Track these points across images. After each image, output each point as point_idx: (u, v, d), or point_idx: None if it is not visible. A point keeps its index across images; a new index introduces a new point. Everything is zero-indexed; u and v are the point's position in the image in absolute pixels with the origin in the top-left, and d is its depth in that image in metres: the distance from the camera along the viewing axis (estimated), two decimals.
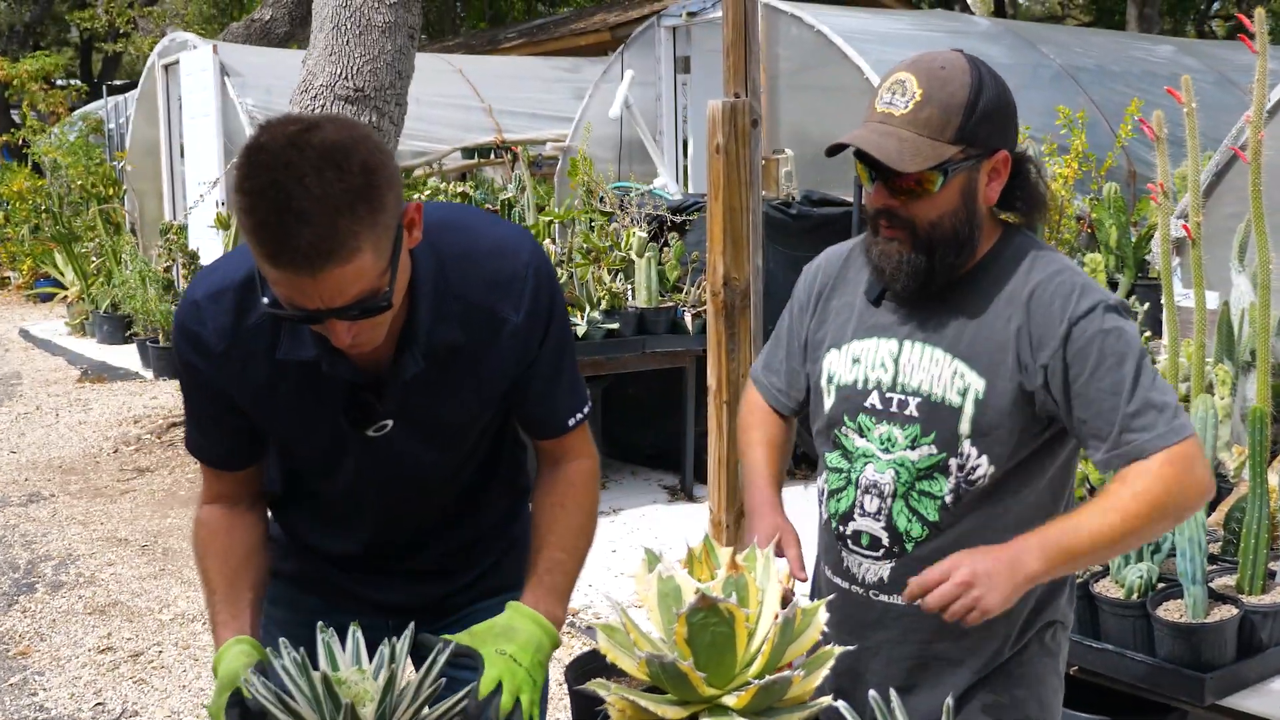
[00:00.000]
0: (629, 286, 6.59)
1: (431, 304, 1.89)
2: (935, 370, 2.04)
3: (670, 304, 6.58)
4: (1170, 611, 2.97)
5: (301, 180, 1.60)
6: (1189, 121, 3.33)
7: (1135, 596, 3.02)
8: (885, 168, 1.95)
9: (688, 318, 6.48)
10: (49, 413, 9.25)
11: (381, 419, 1.95)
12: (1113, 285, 6.43)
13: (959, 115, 1.94)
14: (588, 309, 6.25)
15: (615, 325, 6.28)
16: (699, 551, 1.83)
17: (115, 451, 8.01)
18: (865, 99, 2.06)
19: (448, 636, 1.90)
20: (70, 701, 4.49)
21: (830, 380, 2.16)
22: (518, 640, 1.92)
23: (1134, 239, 6.62)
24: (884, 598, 2.11)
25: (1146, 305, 5.37)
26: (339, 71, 6.86)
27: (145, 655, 4.87)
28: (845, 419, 2.13)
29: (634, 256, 6.55)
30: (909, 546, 2.07)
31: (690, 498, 6.66)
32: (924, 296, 2.06)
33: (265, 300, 1.75)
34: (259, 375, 1.93)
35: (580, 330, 6.14)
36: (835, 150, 2.01)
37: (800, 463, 5.85)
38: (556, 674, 4.41)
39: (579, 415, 2.11)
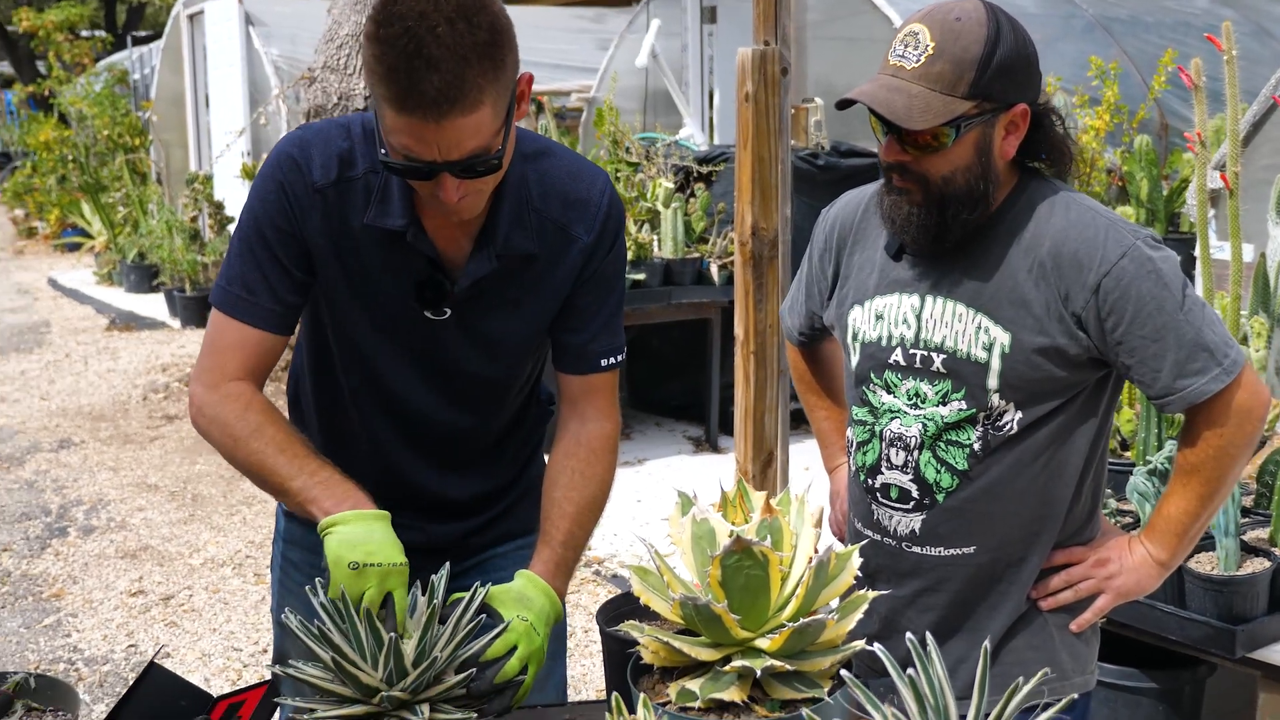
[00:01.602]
0: (655, 237, 6.57)
1: (512, 211, 1.96)
2: (959, 325, 2.01)
3: (696, 255, 6.56)
4: (1202, 564, 2.96)
5: (434, 30, 1.67)
6: (1229, 69, 3.28)
7: None
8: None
9: (714, 268, 6.47)
10: (78, 360, 9.31)
11: (448, 304, 1.98)
12: None
13: (973, 70, 1.89)
14: (626, 256, 6.24)
15: (641, 276, 6.26)
16: (733, 495, 1.82)
17: (144, 399, 8.07)
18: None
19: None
20: (103, 643, 4.54)
21: (855, 337, 2.14)
22: (534, 609, 1.93)
23: (1165, 192, 6.56)
24: (916, 549, 2.10)
25: (1178, 258, 5.33)
26: (363, 20, 6.81)
27: (176, 599, 4.92)
28: (871, 375, 2.11)
29: (660, 207, 6.53)
30: (940, 497, 2.06)
31: (715, 449, 6.66)
32: (940, 250, 2.03)
33: (382, 152, 1.79)
34: (342, 231, 1.95)
35: None
36: (845, 104, 1.98)
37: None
38: (583, 620, 4.45)
39: (612, 359, 2.11)
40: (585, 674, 4.18)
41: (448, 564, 1.89)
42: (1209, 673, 3.17)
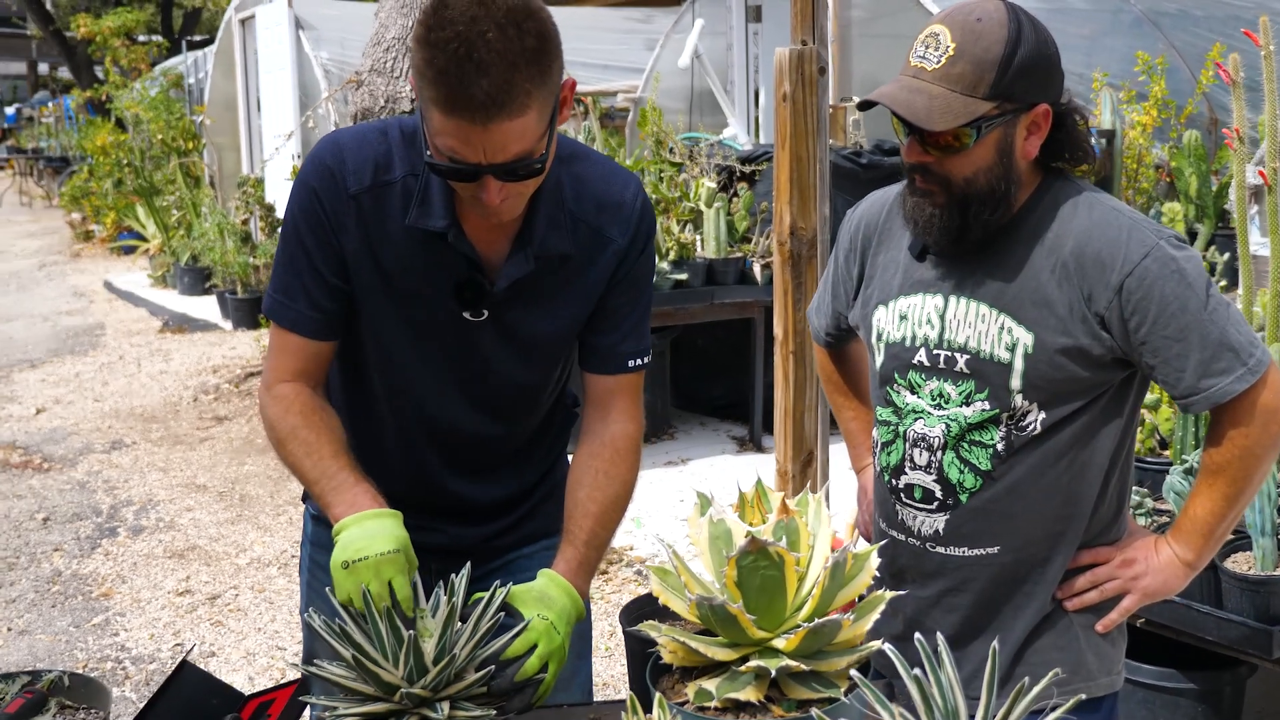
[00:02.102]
0: (698, 237, 6.58)
1: (548, 213, 1.99)
2: (982, 326, 2.01)
3: (739, 255, 6.56)
4: (1239, 564, 2.93)
5: (485, 35, 1.71)
6: (1266, 65, 3.24)
7: None
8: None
9: (756, 268, 6.46)
10: (131, 362, 9.44)
11: (485, 305, 2.01)
12: (1191, 235, 6.31)
13: (993, 71, 1.88)
14: (656, 260, 6.25)
15: (684, 276, 6.27)
16: (751, 496, 1.83)
17: (195, 400, 8.17)
18: None
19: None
20: (150, 642, 4.61)
21: (880, 338, 2.14)
22: (555, 608, 1.94)
23: (1214, 188, 6.48)
24: (940, 549, 2.10)
25: (1226, 255, 5.27)
26: (410, 24, 6.85)
27: (222, 598, 4.99)
28: (896, 376, 2.11)
29: (702, 207, 6.53)
30: (963, 498, 2.05)
31: (759, 448, 6.66)
32: (962, 251, 2.02)
33: (428, 153, 1.82)
34: (379, 236, 1.98)
35: None
36: (866, 105, 1.99)
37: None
38: (608, 615, 4.46)
39: (639, 360, 2.13)
40: (625, 673, 4.19)
41: (469, 564, 1.91)
42: (1249, 673, 3.14)
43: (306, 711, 1.96)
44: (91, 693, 2.05)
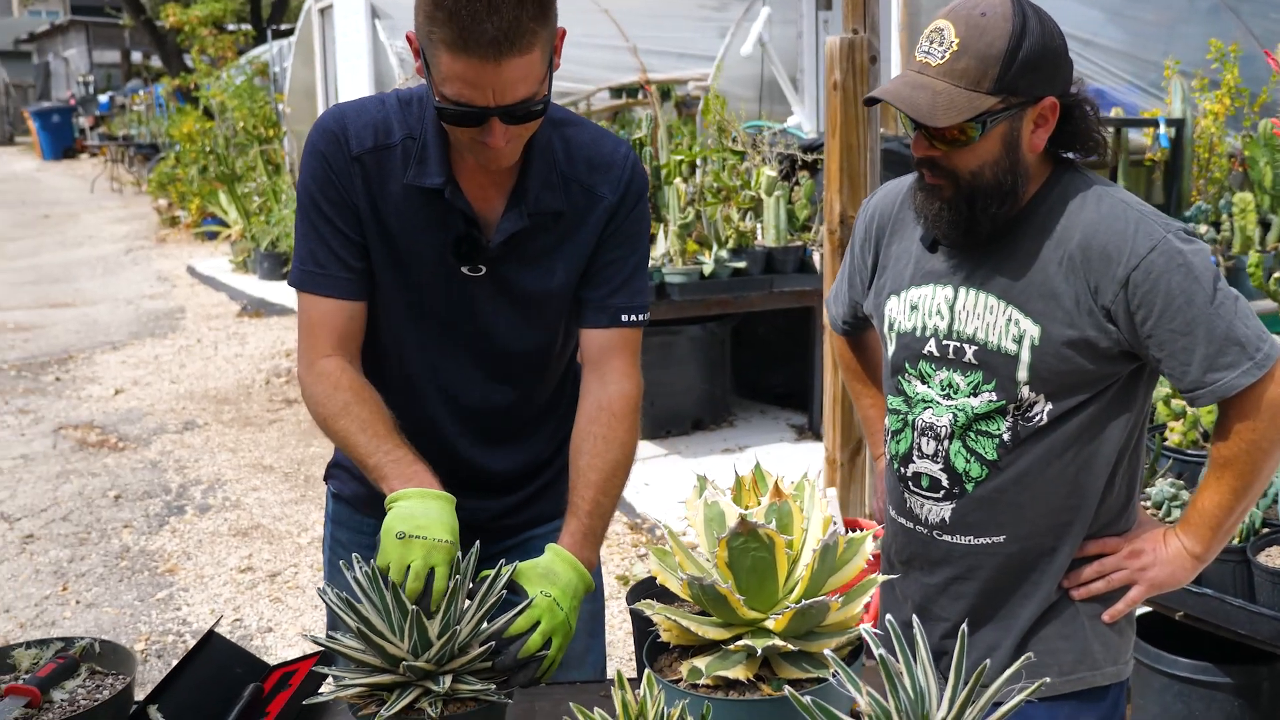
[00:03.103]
0: (758, 225, 6.58)
1: (541, 173, 2.08)
2: (990, 318, 2.02)
3: (799, 243, 6.56)
4: (1272, 557, 2.90)
5: None
6: None
7: (1236, 542, 2.95)
8: None
9: (816, 257, 6.45)
10: (209, 345, 9.65)
11: (482, 260, 2.08)
12: (1265, 226, 6.19)
13: (996, 65, 1.89)
14: (715, 247, 6.27)
15: (742, 264, 6.28)
16: (748, 480, 1.86)
17: (267, 383, 8.34)
18: None
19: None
20: (210, 616, 4.74)
21: (891, 327, 2.16)
22: (559, 584, 1.97)
23: None
24: (947, 538, 2.12)
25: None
26: None
27: (282, 576, 5.10)
28: (906, 365, 2.13)
29: (763, 195, 6.53)
30: (969, 487, 2.07)
31: (818, 436, 6.65)
32: (971, 243, 2.04)
33: (436, 100, 1.89)
34: (381, 196, 2.07)
35: (707, 269, 6.16)
36: (871, 101, 2.01)
37: None
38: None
39: (633, 316, 2.18)
40: None
41: (478, 543, 1.96)
42: None
43: (328, 680, 2.02)
44: (120, 659, 2.13)
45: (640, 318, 2.18)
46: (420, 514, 1.90)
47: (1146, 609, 3.30)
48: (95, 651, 2.14)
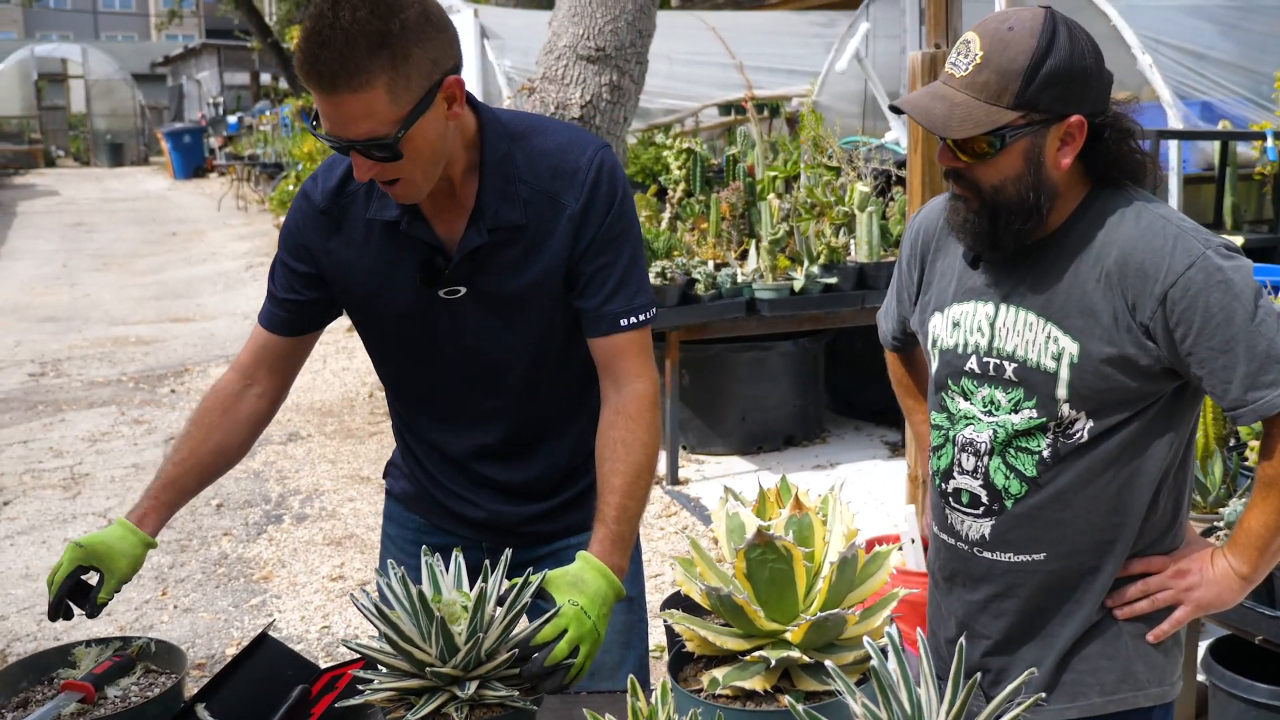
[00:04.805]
0: (850, 240, 6.55)
1: (498, 186, 2.11)
2: (1029, 335, 2.00)
3: (892, 259, 6.51)
4: None
5: (339, 12, 1.84)
6: None
7: None
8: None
9: None
10: (317, 359, 9.87)
11: (450, 283, 2.15)
12: None
13: (1017, 80, 1.87)
14: (806, 263, 6.25)
15: (833, 280, 6.26)
16: (771, 493, 1.87)
17: (370, 396, 8.51)
18: (1113, 48, 2.01)
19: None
20: (300, 623, 4.85)
21: (935, 344, 2.15)
22: (587, 592, 1.98)
23: None
24: (987, 554, 2.09)
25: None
26: (581, 32, 7.00)
27: (372, 584, 5.20)
28: (949, 382, 2.12)
29: (856, 210, 6.51)
30: (1009, 504, 2.05)
31: None
32: (1002, 258, 2.02)
33: (311, 123, 1.99)
34: (350, 234, 2.18)
35: (797, 284, 6.15)
36: (897, 111, 2.01)
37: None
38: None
39: (635, 319, 2.17)
40: None
41: (508, 550, 1.99)
42: None
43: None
44: (174, 659, 2.21)
45: (641, 318, 2.18)
46: (101, 534, 2.16)
47: (1224, 632, 3.22)
48: (151, 651, 2.23)
